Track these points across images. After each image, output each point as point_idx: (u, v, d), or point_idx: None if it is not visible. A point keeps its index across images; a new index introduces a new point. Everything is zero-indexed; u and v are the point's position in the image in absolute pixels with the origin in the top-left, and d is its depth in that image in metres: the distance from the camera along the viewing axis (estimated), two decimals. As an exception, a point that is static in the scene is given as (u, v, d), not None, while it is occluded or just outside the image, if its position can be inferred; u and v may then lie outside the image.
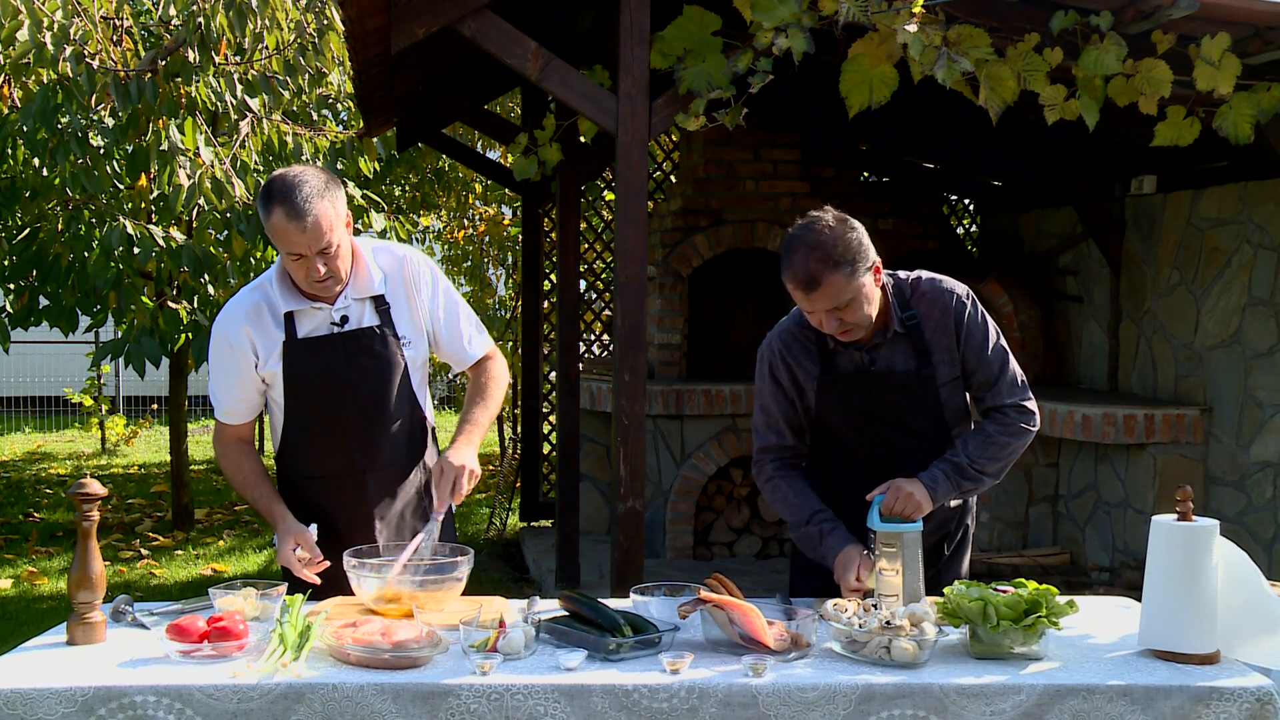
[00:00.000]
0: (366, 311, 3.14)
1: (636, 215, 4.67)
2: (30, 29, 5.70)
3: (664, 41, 4.67)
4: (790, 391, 3.16)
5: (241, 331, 3.10)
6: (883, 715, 2.42)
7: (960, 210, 9.48)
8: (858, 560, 2.99)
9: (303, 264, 2.98)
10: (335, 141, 7.26)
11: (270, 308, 3.10)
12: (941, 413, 3.15)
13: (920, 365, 3.09)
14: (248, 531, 8.84)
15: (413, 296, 3.19)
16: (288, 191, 2.92)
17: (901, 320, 3.09)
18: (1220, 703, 2.44)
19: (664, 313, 7.66)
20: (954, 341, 3.10)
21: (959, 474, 3.06)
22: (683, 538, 7.41)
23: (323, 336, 3.11)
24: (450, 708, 2.38)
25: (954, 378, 3.13)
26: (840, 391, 3.12)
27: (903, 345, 3.10)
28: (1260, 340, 5.82)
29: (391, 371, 3.15)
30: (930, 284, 3.13)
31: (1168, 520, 2.66)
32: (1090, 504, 6.70)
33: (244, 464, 3.22)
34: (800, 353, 3.14)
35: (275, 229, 2.95)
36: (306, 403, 3.14)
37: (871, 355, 3.10)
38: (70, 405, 13.80)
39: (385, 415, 3.17)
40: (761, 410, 3.21)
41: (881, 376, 3.10)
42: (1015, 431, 3.12)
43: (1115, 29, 4.25)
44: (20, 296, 6.79)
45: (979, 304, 3.15)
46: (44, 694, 2.35)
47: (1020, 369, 3.20)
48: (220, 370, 3.18)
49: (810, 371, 3.13)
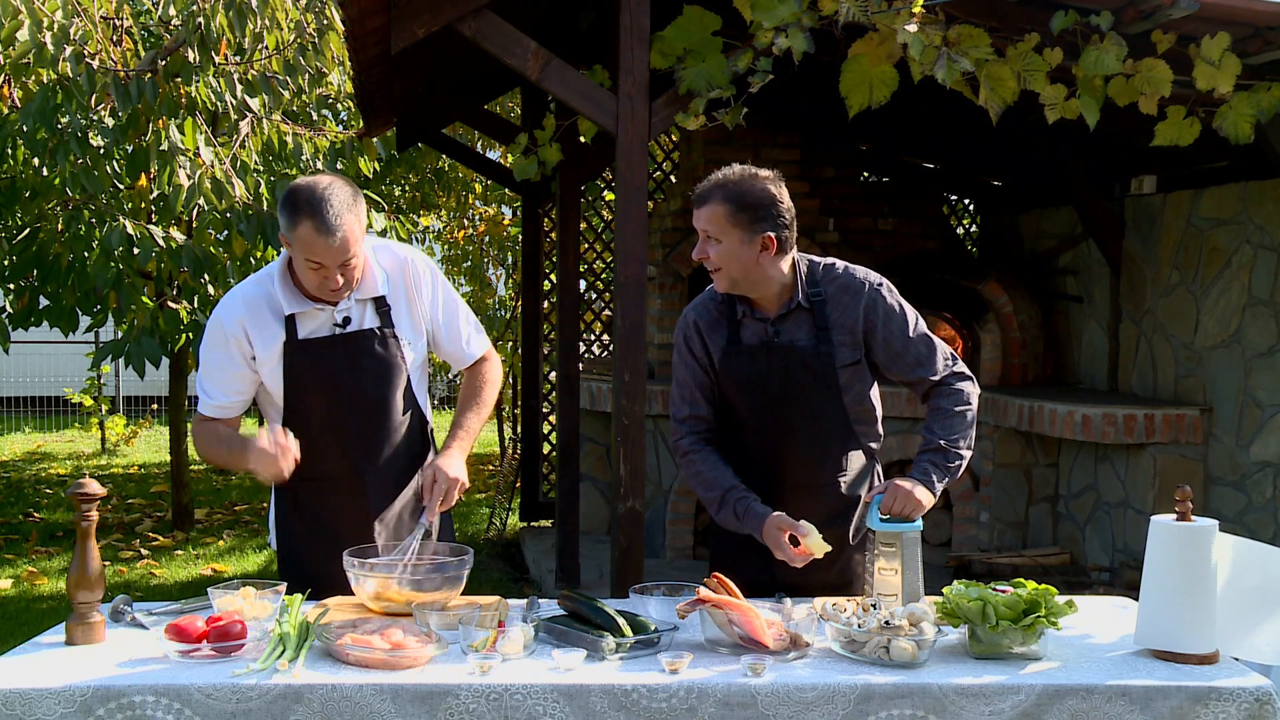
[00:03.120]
0: (368, 313, 3.14)
1: (636, 215, 4.67)
2: (30, 29, 5.70)
3: (664, 41, 4.67)
4: (704, 361, 3.20)
5: (237, 323, 3.09)
6: (881, 715, 2.42)
7: (960, 210, 9.48)
8: (784, 528, 2.98)
9: (320, 274, 2.98)
10: (335, 141, 7.26)
11: (271, 305, 3.09)
12: (840, 395, 3.16)
13: (820, 342, 3.12)
14: (248, 531, 8.84)
15: (414, 298, 3.19)
16: (318, 204, 2.91)
17: (806, 295, 3.13)
18: (1219, 702, 2.44)
19: (664, 313, 7.66)
20: (858, 326, 3.13)
21: (943, 458, 3.10)
22: (683, 538, 7.41)
23: (324, 338, 3.11)
24: (449, 708, 2.38)
25: (854, 361, 3.15)
26: (744, 362, 3.16)
27: (806, 321, 3.14)
28: (1260, 340, 5.82)
29: (392, 373, 3.15)
30: (843, 269, 3.19)
31: (1167, 520, 2.66)
32: (1090, 504, 6.70)
33: (220, 429, 3.16)
34: (711, 323, 3.19)
35: (301, 239, 2.94)
36: (307, 404, 3.13)
37: (776, 327, 3.14)
38: (70, 405, 13.81)
39: (385, 417, 3.17)
40: (678, 383, 3.25)
41: (783, 349, 3.14)
42: (965, 397, 3.17)
43: (1115, 29, 4.25)
44: (20, 296, 6.78)
45: (894, 290, 3.21)
46: (43, 694, 2.35)
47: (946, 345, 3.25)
48: (212, 361, 3.14)
49: (718, 342, 3.18)
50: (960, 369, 3.21)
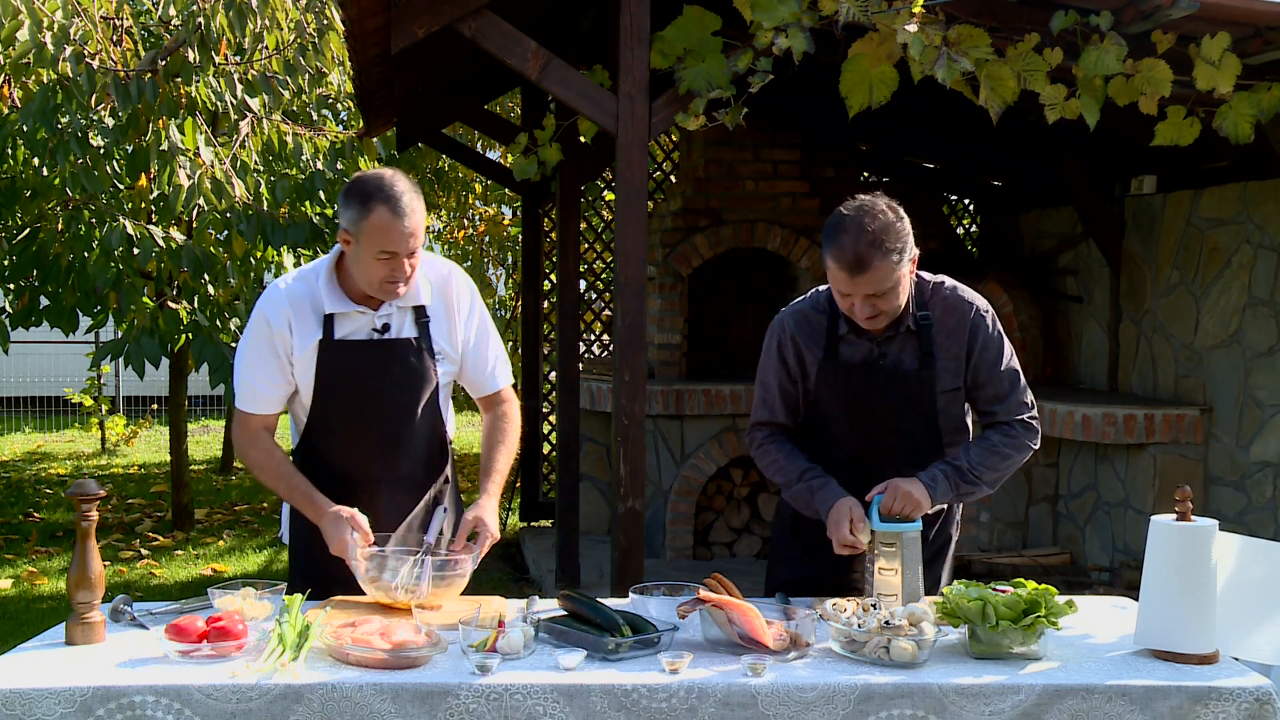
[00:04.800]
0: (407, 322, 3.14)
1: (636, 215, 4.67)
2: (30, 29, 5.70)
3: (664, 41, 4.67)
4: (795, 372, 3.16)
5: (283, 316, 3.07)
6: (882, 715, 2.42)
7: (960, 210, 9.48)
8: (849, 514, 2.98)
9: (389, 264, 2.98)
10: (335, 141, 7.26)
11: (313, 303, 3.09)
12: (936, 419, 3.14)
13: (923, 367, 3.09)
14: (247, 531, 8.84)
15: (453, 313, 3.21)
16: (389, 189, 2.96)
17: (916, 318, 3.08)
18: (1219, 702, 2.44)
19: (664, 313, 7.66)
20: (963, 351, 3.10)
21: (959, 477, 3.06)
22: (683, 538, 7.41)
23: (360, 341, 3.10)
24: (449, 708, 2.38)
25: (955, 388, 3.12)
26: (842, 379, 3.12)
27: (911, 344, 3.10)
28: (1260, 340, 5.82)
29: (422, 384, 3.16)
30: (951, 290, 3.14)
31: (1167, 520, 2.66)
32: (1090, 504, 6.70)
33: (276, 453, 3.15)
34: (810, 335, 3.14)
35: (375, 226, 2.95)
36: (334, 405, 3.13)
37: (882, 349, 3.10)
38: (70, 405, 13.80)
39: (409, 427, 3.18)
40: (762, 385, 3.22)
41: (886, 372, 3.10)
42: (1018, 446, 3.13)
43: (1115, 29, 4.24)
44: (20, 296, 6.78)
45: (997, 319, 3.15)
46: (43, 694, 2.35)
47: (1030, 390, 3.19)
48: (255, 353, 3.11)
49: (816, 355, 3.13)
50: (1030, 420, 3.15)
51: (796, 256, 7.64)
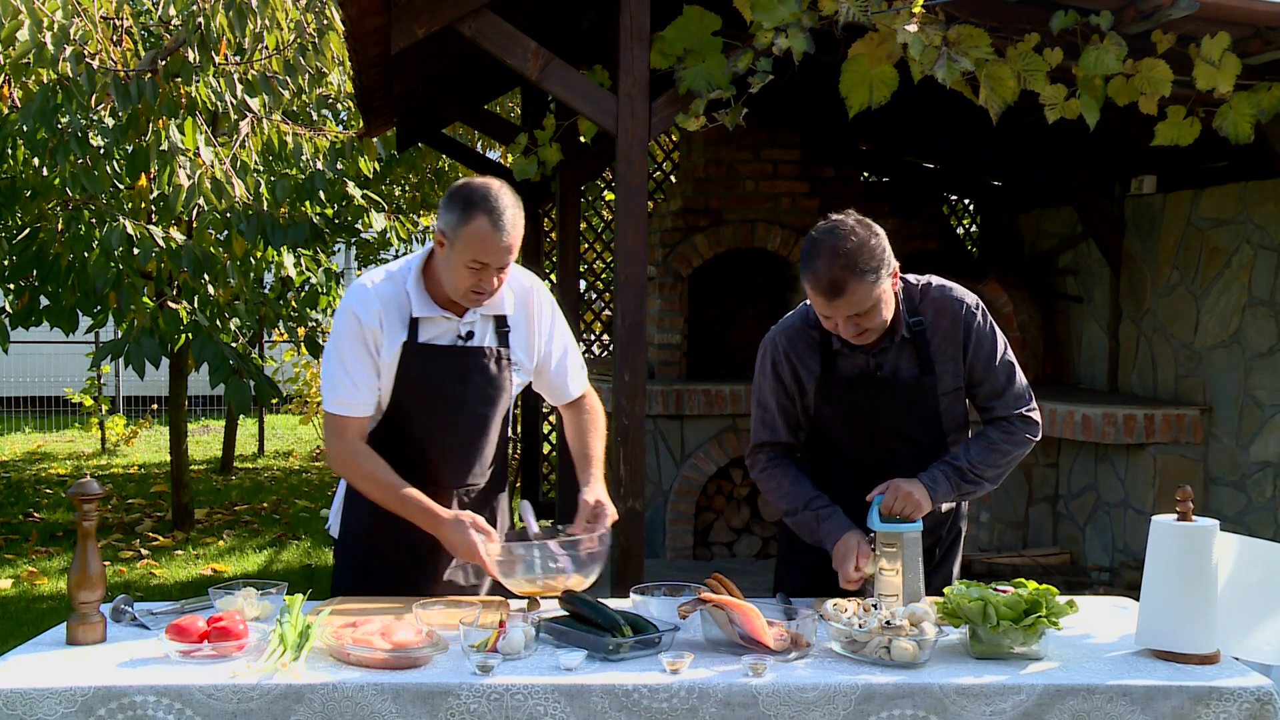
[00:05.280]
0: (489, 330, 3.13)
1: (636, 215, 4.67)
2: (30, 29, 5.69)
3: (664, 41, 4.67)
4: (791, 389, 3.14)
5: (375, 315, 3.02)
6: (882, 715, 2.42)
7: (960, 210, 9.48)
8: (856, 548, 2.98)
9: (479, 274, 2.95)
10: (335, 141, 7.26)
11: (400, 305, 3.04)
12: (940, 421, 3.14)
13: (923, 373, 3.08)
14: (248, 531, 8.84)
15: (533, 325, 3.20)
16: (492, 201, 2.93)
17: (909, 325, 3.06)
18: (1220, 702, 2.44)
19: (664, 313, 7.66)
20: (959, 351, 3.09)
21: (959, 476, 3.06)
22: (683, 538, 7.41)
23: (445, 346, 3.08)
24: (450, 708, 2.38)
25: (956, 388, 3.12)
26: (841, 394, 3.11)
27: (907, 351, 3.08)
28: (1260, 340, 5.82)
29: (499, 394, 3.16)
30: (940, 291, 3.11)
31: (1167, 520, 2.66)
32: (1090, 504, 6.70)
33: (381, 462, 3.04)
34: (804, 351, 3.12)
35: (472, 235, 2.91)
36: (412, 409, 3.09)
37: (877, 360, 3.08)
38: (70, 405, 13.79)
39: (484, 435, 3.18)
40: (759, 405, 3.20)
41: (884, 382, 3.09)
42: (1018, 440, 3.12)
43: (1115, 29, 4.24)
44: (20, 296, 6.78)
45: (988, 314, 3.14)
46: (44, 694, 2.35)
47: (1025, 379, 3.19)
48: (349, 353, 3.02)
49: (813, 371, 3.11)
50: (1029, 412, 3.14)
51: (796, 256, 7.64)
